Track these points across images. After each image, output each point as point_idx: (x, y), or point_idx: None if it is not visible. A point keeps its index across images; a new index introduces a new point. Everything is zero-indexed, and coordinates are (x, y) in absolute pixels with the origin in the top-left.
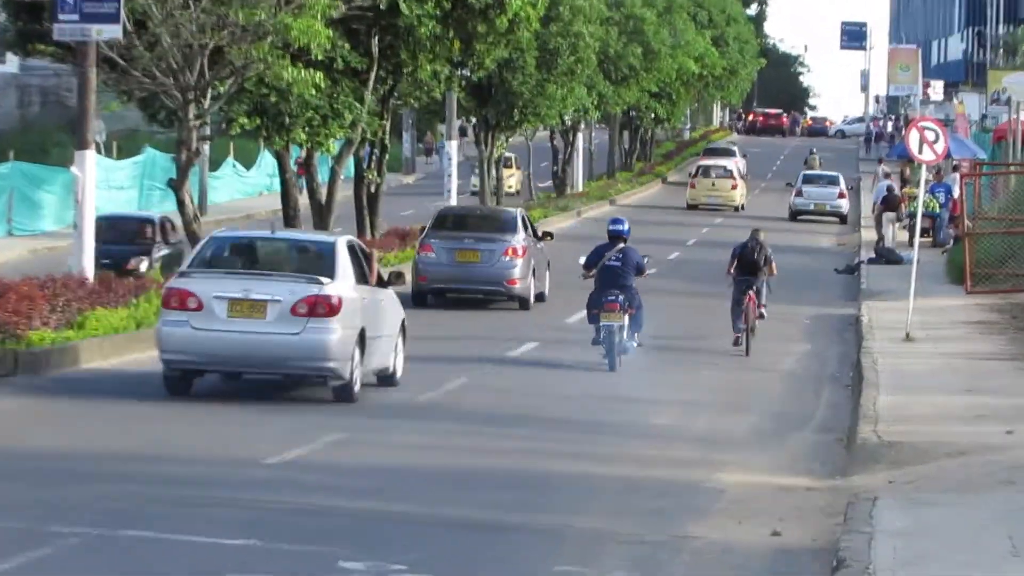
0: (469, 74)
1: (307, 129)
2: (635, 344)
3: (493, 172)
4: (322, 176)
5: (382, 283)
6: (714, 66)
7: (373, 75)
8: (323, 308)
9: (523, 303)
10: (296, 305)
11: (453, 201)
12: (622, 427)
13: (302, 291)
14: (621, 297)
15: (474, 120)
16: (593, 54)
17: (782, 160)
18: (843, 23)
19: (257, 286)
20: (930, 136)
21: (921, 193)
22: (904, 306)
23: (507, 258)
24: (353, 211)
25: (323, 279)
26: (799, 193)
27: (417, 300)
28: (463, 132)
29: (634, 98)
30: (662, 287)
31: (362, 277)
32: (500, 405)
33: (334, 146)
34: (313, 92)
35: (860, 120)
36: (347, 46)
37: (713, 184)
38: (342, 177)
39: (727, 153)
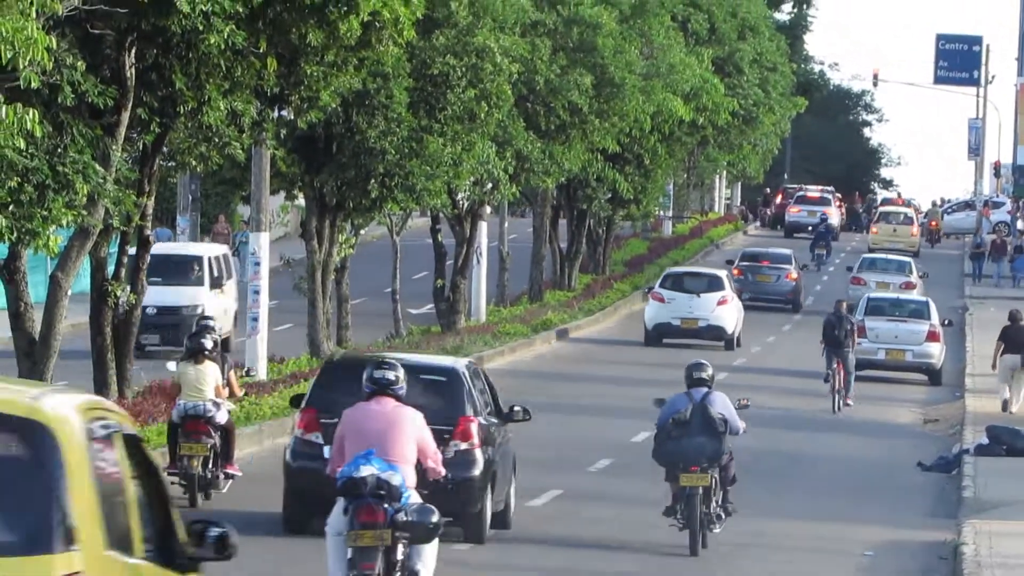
0: (292, 117)
1: (11, 209)
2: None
3: (331, 286)
4: (36, 293)
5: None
6: (718, 109)
7: (126, 117)
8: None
9: None
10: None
11: (263, 341)
12: None
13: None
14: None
15: (301, 197)
16: (508, 86)
17: (829, 276)
18: (940, 38)
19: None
20: None
21: None
22: None
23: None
24: (89, 349)
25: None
26: (860, 331)
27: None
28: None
29: (578, 163)
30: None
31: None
32: None
33: (56, 239)
34: (22, 145)
35: (968, 206)
36: (81, 66)
37: (895, 231)
38: (69, 292)
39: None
